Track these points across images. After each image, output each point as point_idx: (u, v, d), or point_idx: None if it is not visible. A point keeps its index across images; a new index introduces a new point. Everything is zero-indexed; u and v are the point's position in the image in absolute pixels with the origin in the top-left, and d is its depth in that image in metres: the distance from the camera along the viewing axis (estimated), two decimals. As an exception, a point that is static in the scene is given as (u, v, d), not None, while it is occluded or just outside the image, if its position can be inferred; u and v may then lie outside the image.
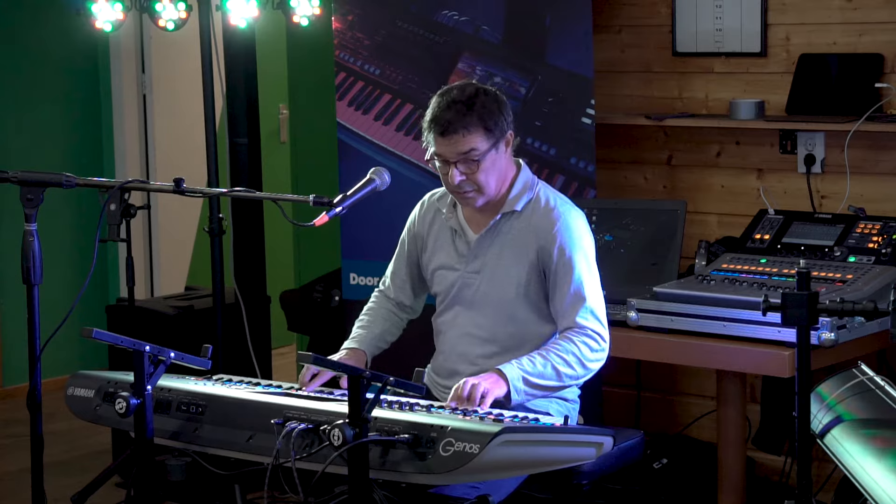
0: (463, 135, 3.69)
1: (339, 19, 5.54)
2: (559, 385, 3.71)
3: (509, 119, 3.77)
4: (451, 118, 3.69)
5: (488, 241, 3.86)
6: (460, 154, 3.71)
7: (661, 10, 5.42)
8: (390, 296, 4.07)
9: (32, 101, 7.35)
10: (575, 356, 3.70)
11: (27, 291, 3.70)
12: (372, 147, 5.46)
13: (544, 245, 3.78)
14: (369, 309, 4.07)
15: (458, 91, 3.74)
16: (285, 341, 7.42)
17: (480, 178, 3.74)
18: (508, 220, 3.84)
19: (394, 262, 4.09)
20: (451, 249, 3.92)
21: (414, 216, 4.04)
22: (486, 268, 3.85)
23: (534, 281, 3.81)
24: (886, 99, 4.90)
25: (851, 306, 3.27)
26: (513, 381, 3.60)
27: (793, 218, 4.92)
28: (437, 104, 3.74)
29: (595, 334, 3.74)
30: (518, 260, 3.81)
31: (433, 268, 3.96)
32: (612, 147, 5.47)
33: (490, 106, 3.72)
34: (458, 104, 3.70)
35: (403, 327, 4.08)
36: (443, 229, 3.95)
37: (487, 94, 3.75)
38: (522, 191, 3.84)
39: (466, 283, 3.88)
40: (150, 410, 3.43)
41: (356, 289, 5.52)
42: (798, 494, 3.28)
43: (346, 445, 3.10)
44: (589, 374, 3.76)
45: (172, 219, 7.56)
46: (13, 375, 7.25)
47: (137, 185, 3.83)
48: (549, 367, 3.66)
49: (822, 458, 4.68)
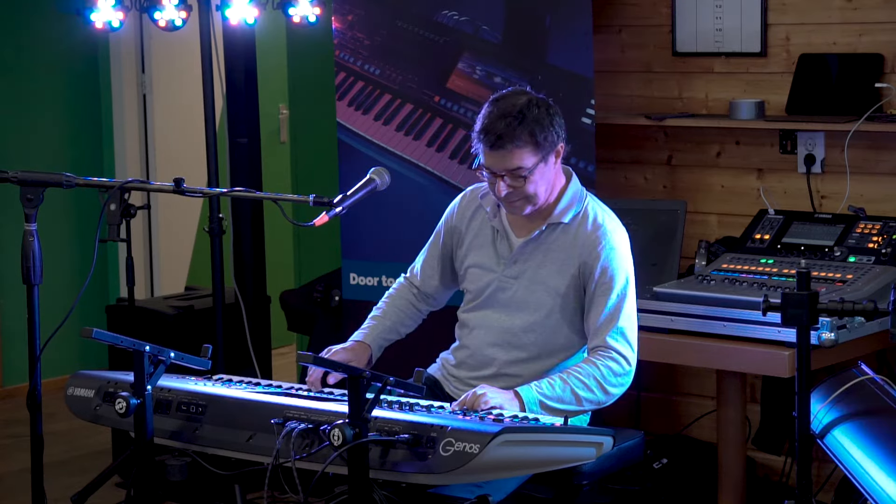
0: (511, 150, 3.65)
1: (339, 19, 5.54)
2: (577, 409, 3.66)
3: (560, 130, 3.72)
4: (502, 132, 3.64)
5: (531, 248, 3.82)
6: (507, 169, 3.68)
7: (661, 10, 5.42)
8: (416, 284, 4.03)
9: (32, 102, 7.35)
10: (595, 380, 3.66)
11: (27, 291, 3.70)
12: (372, 147, 5.46)
13: (587, 261, 3.75)
14: (388, 296, 4.04)
15: (509, 102, 3.69)
16: (285, 341, 7.41)
17: (529, 189, 3.70)
18: (554, 231, 3.81)
19: (426, 250, 4.04)
20: (491, 250, 3.88)
21: (453, 208, 3.99)
22: (525, 275, 3.82)
23: (572, 295, 3.78)
24: (886, 99, 4.90)
25: (851, 306, 3.27)
26: (529, 404, 3.57)
27: (793, 218, 4.92)
28: (488, 113, 3.69)
29: (620, 357, 3.70)
30: (559, 272, 3.78)
31: (468, 264, 3.92)
32: (612, 147, 5.47)
33: (541, 118, 3.67)
34: (509, 117, 3.64)
35: (423, 318, 4.05)
36: (483, 227, 3.91)
37: (540, 105, 3.69)
38: (571, 203, 3.81)
39: (502, 287, 3.84)
40: (150, 410, 3.43)
41: (356, 289, 5.52)
42: (798, 494, 3.28)
43: (346, 445, 3.10)
44: (610, 399, 3.71)
45: (172, 219, 7.56)
46: (13, 375, 7.25)
47: (137, 185, 3.82)
48: (567, 392, 3.62)
49: (822, 458, 4.69)
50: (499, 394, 3.57)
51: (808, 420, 3.32)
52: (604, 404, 3.72)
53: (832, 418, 3.55)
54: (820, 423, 3.56)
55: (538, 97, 3.73)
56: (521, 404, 3.57)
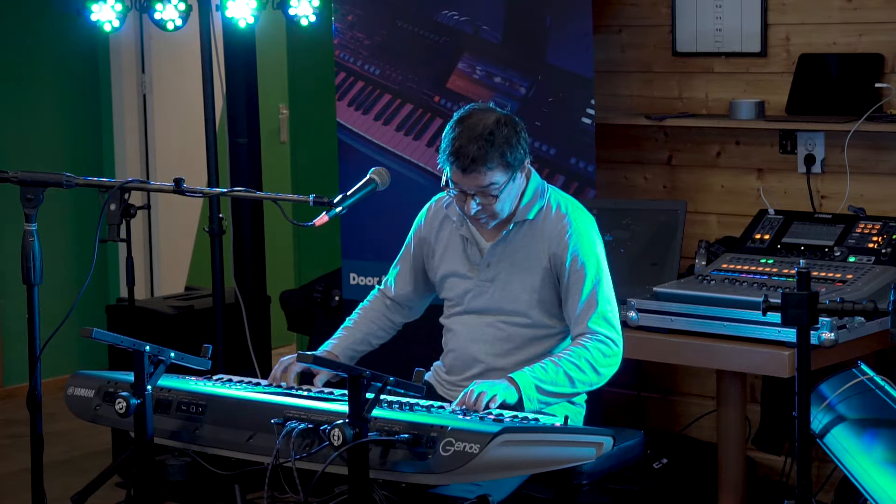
0: (484, 172, 3.66)
1: (339, 19, 5.54)
2: (572, 391, 3.70)
3: (525, 146, 3.74)
4: (474, 156, 3.64)
5: (501, 249, 3.85)
6: (479, 188, 3.70)
7: (661, 10, 5.42)
8: (390, 295, 4.06)
9: (33, 102, 7.35)
10: (587, 361, 3.69)
11: (27, 291, 3.70)
12: (372, 147, 5.46)
13: (557, 252, 3.78)
14: (362, 308, 4.07)
15: (478, 121, 3.68)
16: (285, 341, 7.42)
17: (496, 207, 3.73)
18: (521, 229, 3.83)
19: (398, 262, 4.08)
20: (463, 258, 3.90)
21: (421, 220, 4.02)
22: (500, 276, 3.84)
23: (547, 287, 3.80)
24: (886, 99, 4.90)
25: (851, 306, 3.27)
26: (525, 389, 3.59)
27: (793, 218, 4.92)
28: (456, 135, 3.68)
29: (607, 339, 3.74)
30: (531, 268, 3.81)
31: (443, 274, 3.95)
32: (612, 147, 5.47)
33: (510, 137, 3.68)
34: (480, 140, 3.64)
35: (396, 330, 4.08)
36: (452, 236, 3.94)
37: (507, 124, 3.70)
38: (534, 199, 3.83)
39: (480, 292, 3.87)
40: (150, 410, 3.43)
41: (356, 289, 5.52)
42: (798, 494, 3.28)
43: (346, 445, 3.10)
44: (602, 379, 3.74)
45: (172, 219, 7.56)
46: (13, 375, 7.25)
47: (137, 185, 3.82)
48: (560, 374, 3.65)
49: (822, 458, 4.69)
50: (493, 384, 3.58)
51: (808, 420, 3.32)
52: (595, 386, 3.75)
53: (832, 418, 3.55)
54: (820, 423, 3.56)
55: (504, 114, 3.74)
56: (518, 389, 3.58)
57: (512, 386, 3.59)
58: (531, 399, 3.60)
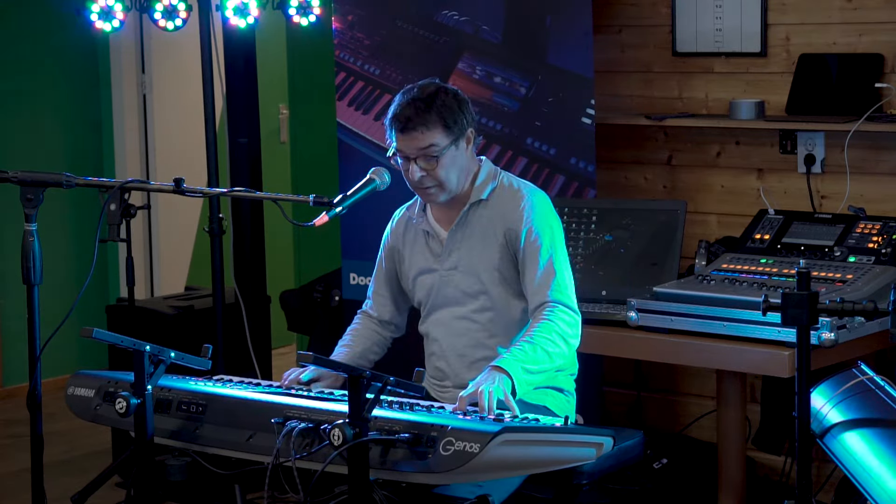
0: (422, 131, 3.75)
1: (339, 19, 5.54)
2: (551, 366, 3.75)
3: (469, 118, 3.84)
4: (411, 115, 3.75)
5: (459, 234, 3.91)
6: (420, 150, 3.77)
7: (661, 10, 5.42)
8: (373, 314, 4.10)
9: (32, 101, 7.35)
10: (556, 334, 3.74)
11: (27, 291, 3.70)
12: (372, 147, 5.46)
13: (511, 226, 3.84)
14: (352, 330, 4.10)
15: (418, 89, 3.81)
16: (285, 341, 7.42)
17: (441, 174, 3.79)
18: (476, 210, 3.90)
19: (373, 282, 4.12)
20: (427, 252, 3.96)
21: (387, 233, 4.09)
22: (462, 262, 3.90)
23: (506, 263, 3.86)
24: (886, 99, 4.90)
25: (851, 306, 3.27)
26: (515, 375, 3.60)
27: (793, 218, 4.92)
28: (398, 102, 3.80)
29: (567, 309, 3.80)
30: (488, 245, 3.87)
31: (413, 275, 3.99)
32: (612, 147, 5.47)
33: (450, 104, 3.79)
34: (417, 101, 3.76)
35: (388, 346, 4.11)
36: (417, 235, 4.00)
37: (448, 92, 3.82)
38: (486, 180, 3.90)
39: (445, 282, 3.92)
40: (150, 410, 3.43)
41: (356, 289, 5.52)
42: (798, 494, 3.28)
43: (346, 445, 3.10)
44: (572, 348, 3.81)
45: (172, 219, 7.56)
46: (13, 375, 7.26)
47: (137, 185, 3.82)
48: (539, 351, 3.69)
49: (822, 458, 4.69)
50: (487, 380, 3.55)
51: (808, 420, 3.32)
52: (567, 356, 3.80)
53: (832, 418, 3.55)
54: (820, 423, 3.56)
55: (447, 87, 3.85)
56: (510, 377, 3.58)
57: (502, 374, 3.60)
58: (521, 382, 3.62)
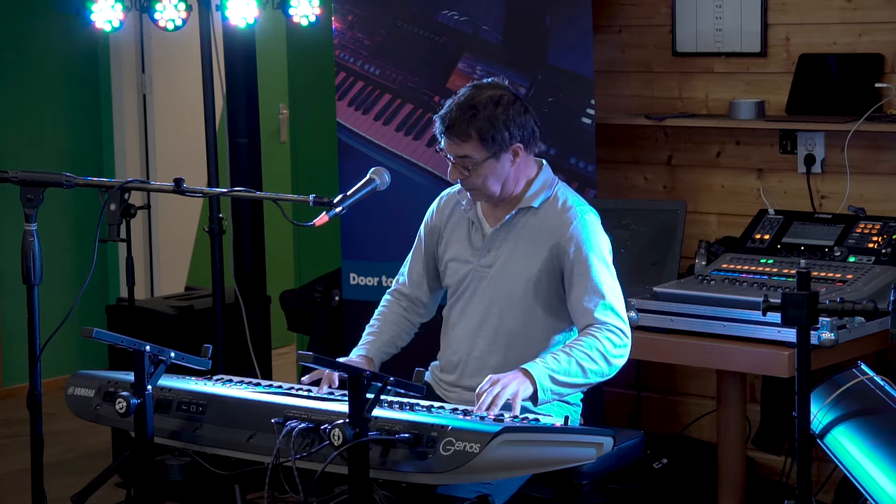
0: (457, 142, 3.71)
1: (339, 19, 5.54)
2: (585, 382, 3.66)
3: (517, 131, 3.73)
4: (451, 121, 3.70)
5: (503, 235, 3.85)
6: (457, 157, 3.74)
7: (661, 10, 5.42)
8: (405, 292, 4.04)
9: (32, 101, 7.35)
10: (599, 352, 3.65)
11: (27, 291, 3.70)
12: (372, 147, 5.46)
13: (560, 243, 3.76)
14: (380, 314, 4.05)
15: (473, 94, 3.73)
16: (285, 341, 7.41)
17: (477, 182, 3.75)
18: (524, 216, 3.83)
19: (410, 259, 4.07)
20: (466, 242, 3.91)
21: (432, 210, 4.02)
22: (499, 262, 3.84)
23: (545, 278, 3.78)
24: (886, 99, 4.90)
25: (851, 306, 3.27)
26: (539, 381, 3.56)
27: (793, 218, 4.92)
28: (451, 100, 3.75)
29: (617, 329, 3.70)
30: (530, 256, 3.80)
31: (447, 258, 3.94)
32: (612, 147, 5.47)
33: (494, 117, 3.69)
34: (462, 108, 3.70)
35: (415, 332, 4.06)
36: (461, 221, 3.94)
37: (498, 103, 3.71)
38: (541, 189, 3.83)
39: (478, 277, 3.86)
40: (150, 410, 3.43)
41: (356, 289, 5.52)
42: (798, 494, 3.28)
43: (346, 445, 3.10)
44: (613, 370, 3.71)
45: (172, 219, 7.56)
46: (13, 375, 7.25)
47: (137, 185, 3.82)
48: (573, 364, 3.62)
49: (822, 458, 4.69)
50: (507, 379, 3.53)
51: (808, 420, 3.32)
52: (607, 376, 3.71)
53: (832, 418, 3.55)
54: (820, 423, 3.55)
55: (507, 94, 3.74)
56: (533, 381, 3.54)
57: (526, 378, 3.56)
58: (545, 391, 3.56)
